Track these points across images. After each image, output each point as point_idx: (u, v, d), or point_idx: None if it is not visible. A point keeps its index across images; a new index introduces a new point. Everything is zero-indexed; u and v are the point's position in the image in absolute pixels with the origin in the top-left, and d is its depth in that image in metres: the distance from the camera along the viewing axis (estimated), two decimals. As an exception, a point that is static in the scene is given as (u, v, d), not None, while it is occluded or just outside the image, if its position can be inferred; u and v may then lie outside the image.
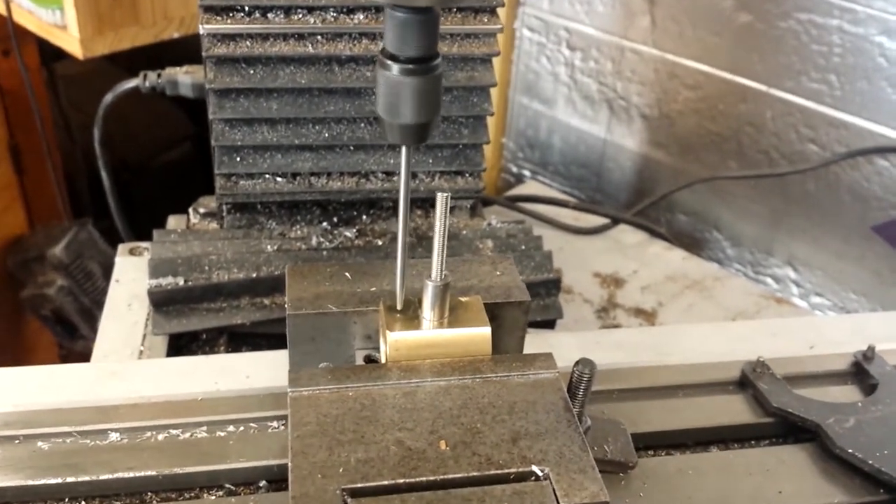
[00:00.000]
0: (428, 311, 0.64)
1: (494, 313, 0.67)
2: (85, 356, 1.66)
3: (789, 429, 0.78)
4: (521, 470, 0.56)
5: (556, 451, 0.57)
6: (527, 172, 1.78)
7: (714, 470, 0.73)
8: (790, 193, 1.41)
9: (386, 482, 0.55)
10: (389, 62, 0.54)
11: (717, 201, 1.52)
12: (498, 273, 0.72)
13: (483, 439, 0.58)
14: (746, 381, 0.81)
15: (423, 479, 0.55)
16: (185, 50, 1.29)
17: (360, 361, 0.68)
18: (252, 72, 0.91)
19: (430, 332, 0.64)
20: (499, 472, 0.56)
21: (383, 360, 0.66)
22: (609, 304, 1.26)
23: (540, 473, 0.56)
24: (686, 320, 1.22)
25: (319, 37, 0.90)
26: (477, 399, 0.61)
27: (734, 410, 0.79)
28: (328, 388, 0.61)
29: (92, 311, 1.56)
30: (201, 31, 0.88)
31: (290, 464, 0.55)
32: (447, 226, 0.61)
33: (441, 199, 0.60)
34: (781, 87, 1.37)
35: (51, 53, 1.62)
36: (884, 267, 1.35)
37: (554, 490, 0.54)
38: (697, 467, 0.73)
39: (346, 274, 0.71)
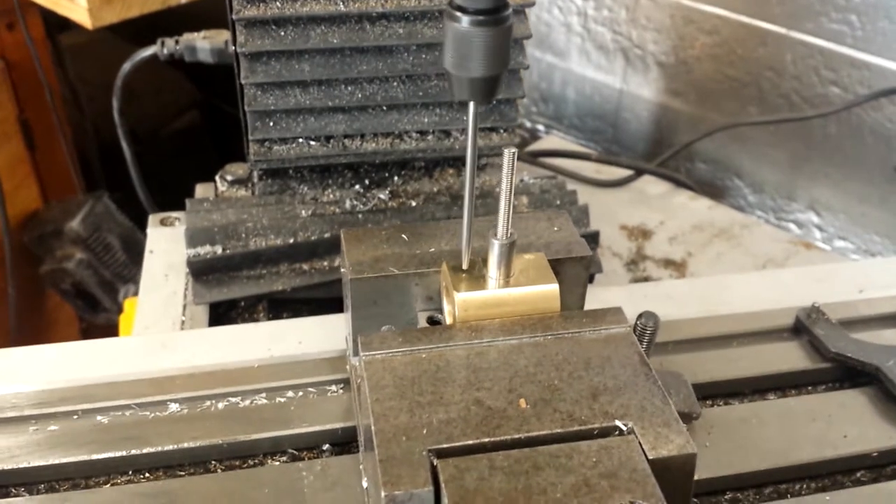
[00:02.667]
0: (494, 270, 0.63)
1: (556, 269, 0.66)
2: (108, 329, 1.66)
3: (846, 373, 0.78)
4: (604, 425, 0.55)
5: (638, 405, 0.57)
6: (541, 127, 1.76)
7: (777, 417, 0.73)
8: (812, 137, 1.40)
9: (471, 442, 0.54)
10: (458, 14, 0.53)
11: (737, 148, 1.51)
12: (556, 229, 0.71)
13: (562, 396, 0.57)
14: (802, 328, 0.81)
15: (508, 437, 0.55)
16: (187, 17, 1.27)
17: (422, 323, 0.68)
18: (283, 33, 0.89)
19: (497, 291, 0.63)
20: (582, 428, 0.55)
21: (448, 321, 0.66)
22: (638, 256, 1.25)
23: (624, 428, 0.55)
24: (716, 269, 1.21)
25: (350, -6, 0.88)
26: (551, 356, 0.60)
27: (791, 357, 0.79)
28: (401, 351, 0.60)
29: (113, 284, 1.55)
30: (231, -7, 0.86)
31: (373, 427, 0.55)
32: (513, 182, 0.60)
33: (508, 155, 0.59)
34: (801, 28, 1.35)
35: (55, 24, 1.58)
36: (908, 208, 1.35)
37: (640, 444, 0.54)
38: (760, 415, 0.73)
39: (403, 236, 0.70)
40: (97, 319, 1.64)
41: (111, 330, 1.58)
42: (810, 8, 1.32)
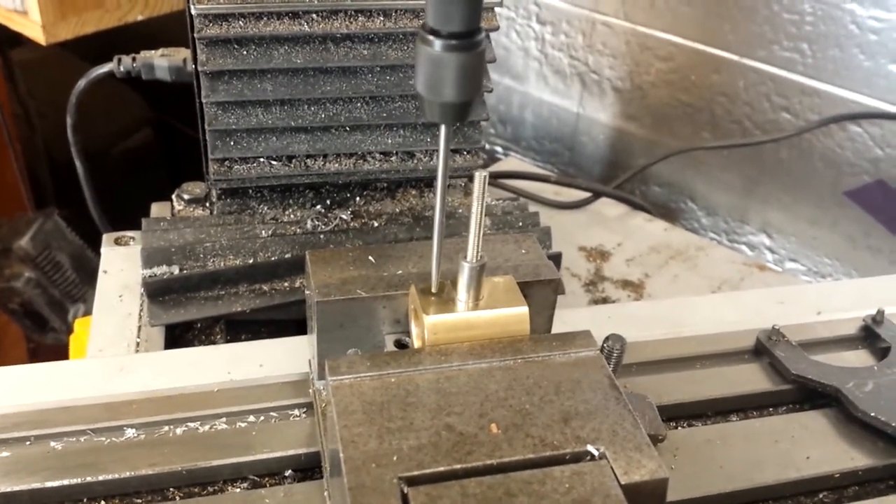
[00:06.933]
0: (463, 293, 0.63)
1: (524, 292, 0.66)
2: (57, 350, 1.62)
3: (806, 395, 0.79)
4: (576, 450, 0.55)
5: (609, 429, 0.57)
6: (499, 149, 1.77)
7: (741, 439, 0.73)
8: (764, 162, 1.43)
9: (442, 468, 0.53)
10: (431, 38, 0.52)
11: (691, 172, 1.53)
12: (523, 251, 0.71)
13: (534, 420, 0.57)
14: (762, 350, 0.81)
15: (480, 463, 0.54)
16: (138, 37, 1.25)
17: (388, 346, 0.67)
18: (245, 52, 0.88)
19: (467, 314, 0.63)
20: (554, 453, 0.55)
21: (416, 344, 0.65)
22: (596, 277, 1.26)
23: (596, 453, 0.55)
24: (673, 291, 1.22)
25: (314, 15, 0.87)
26: (521, 380, 0.60)
27: (753, 379, 0.79)
28: (369, 375, 0.59)
29: (62, 304, 1.51)
30: (193, 12, 0.84)
31: (341, 454, 0.54)
32: (484, 205, 0.60)
33: (479, 178, 0.59)
34: (754, 56, 1.38)
35: (6, 40, 1.55)
36: (857, 232, 1.38)
37: (613, 469, 0.54)
38: (724, 437, 0.74)
39: (370, 257, 0.69)
40: (45, 339, 1.59)
41: (60, 350, 1.53)
42: (763, 36, 1.35)
